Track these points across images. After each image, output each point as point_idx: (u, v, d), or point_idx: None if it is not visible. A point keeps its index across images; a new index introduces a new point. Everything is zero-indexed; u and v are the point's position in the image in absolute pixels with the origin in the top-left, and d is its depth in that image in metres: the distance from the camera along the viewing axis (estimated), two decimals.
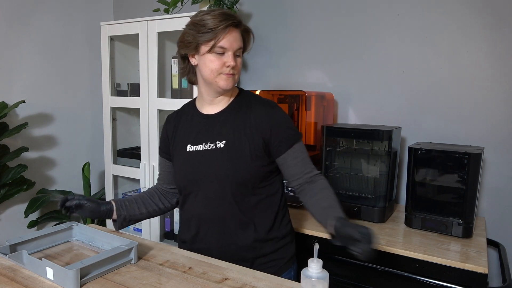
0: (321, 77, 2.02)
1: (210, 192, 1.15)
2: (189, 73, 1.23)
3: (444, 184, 1.44)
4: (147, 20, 2.01)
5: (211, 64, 1.11)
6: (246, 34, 1.17)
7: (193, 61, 1.16)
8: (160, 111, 2.05)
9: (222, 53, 1.10)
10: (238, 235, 1.14)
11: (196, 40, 1.10)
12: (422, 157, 1.47)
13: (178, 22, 1.92)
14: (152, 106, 2.04)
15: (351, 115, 1.96)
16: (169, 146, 1.28)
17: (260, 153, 1.13)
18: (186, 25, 1.15)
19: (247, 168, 1.12)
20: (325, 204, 1.09)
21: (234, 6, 1.88)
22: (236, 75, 1.15)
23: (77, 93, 2.52)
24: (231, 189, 1.13)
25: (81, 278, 0.91)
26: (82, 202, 1.15)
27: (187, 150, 1.20)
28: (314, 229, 1.47)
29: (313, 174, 1.17)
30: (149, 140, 2.08)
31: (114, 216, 1.22)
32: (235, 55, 1.12)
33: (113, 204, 1.22)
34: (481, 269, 1.18)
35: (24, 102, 2.06)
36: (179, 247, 1.26)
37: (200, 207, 1.18)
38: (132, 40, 2.25)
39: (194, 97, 1.90)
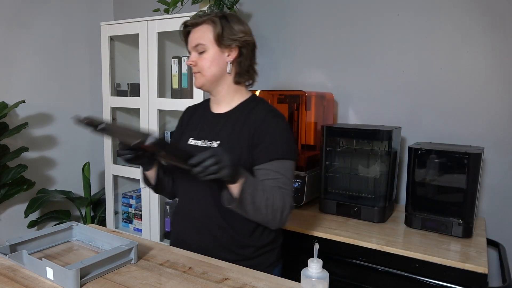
0: (321, 77, 2.02)
1: (194, 190, 1.18)
2: None
3: (444, 184, 1.44)
4: (147, 20, 2.01)
5: None
6: (217, 23, 1.11)
7: None
8: (160, 111, 2.05)
9: None
10: (217, 236, 1.15)
11: None
12: (422, 157, 1.47)
13: (178, 22, 1.91)
14: (152, 106, 2.04)
15: (351, 115, 1.96)
16: (181, 136, 1.29)
17: (249, 158, 1.10)
18: None
19: None
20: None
21: (234, 6, 1.88)
22: (201, 72, 1.14)
23: (77, 93, 2.52)
24: (211, 190, 1.12)
25: (81, 278, 0.91)
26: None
27: (188, 142, 1.22)
28: (314, 229, 1.47)
29: None
30: None
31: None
32: (198, 53, 1.14)
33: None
34: (481, 269, 1.18)
35: (24, 102, 2.06)
36: (171, 243, 1.28)
37: (187, 203, 1.21)
38: (132, 40, 2.25)
39: (194, 97, 1.92)
